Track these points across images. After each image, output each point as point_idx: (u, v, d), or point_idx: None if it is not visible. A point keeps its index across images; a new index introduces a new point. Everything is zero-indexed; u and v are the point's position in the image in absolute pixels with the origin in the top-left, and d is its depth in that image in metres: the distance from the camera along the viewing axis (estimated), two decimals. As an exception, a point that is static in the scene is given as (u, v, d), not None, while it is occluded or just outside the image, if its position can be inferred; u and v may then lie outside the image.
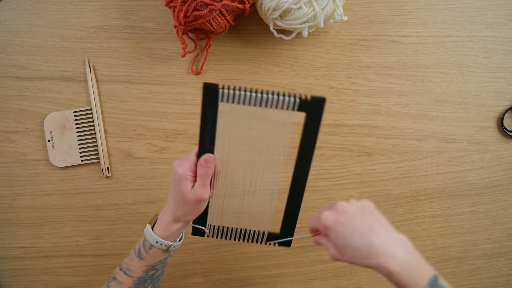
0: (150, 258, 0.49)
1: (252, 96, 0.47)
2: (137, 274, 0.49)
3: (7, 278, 0.64)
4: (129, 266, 0.49)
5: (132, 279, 0.49)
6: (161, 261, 0.50)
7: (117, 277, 0.49)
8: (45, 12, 0.64)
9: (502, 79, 0.66)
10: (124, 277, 0.49)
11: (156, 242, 0.48)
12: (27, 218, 0.64)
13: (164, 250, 0.49)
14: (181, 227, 0.49)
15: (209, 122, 0.49)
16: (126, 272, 0.49)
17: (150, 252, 0.48)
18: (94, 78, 0.64)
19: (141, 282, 0.49)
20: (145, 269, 0.49)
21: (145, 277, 0.49)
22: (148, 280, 0.50)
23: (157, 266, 0.50)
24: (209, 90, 0.47)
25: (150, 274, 0.50)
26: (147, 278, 0.50)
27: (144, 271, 0.49)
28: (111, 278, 0.50)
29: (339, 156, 0.65)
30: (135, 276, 0.49)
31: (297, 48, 0.65)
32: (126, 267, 0.49)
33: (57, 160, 0.64)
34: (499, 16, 0.66)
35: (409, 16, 0.66)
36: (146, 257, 0.49)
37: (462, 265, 0.66)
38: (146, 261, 0.49)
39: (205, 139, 0.50)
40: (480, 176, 0.66)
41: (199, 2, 0.56)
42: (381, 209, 0.65)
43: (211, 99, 0.48)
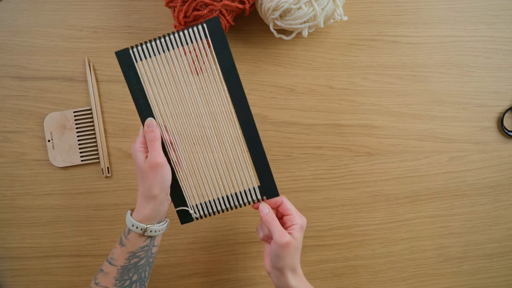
0: (130, 244, 0.49)
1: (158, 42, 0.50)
2: (120, 262, 0.49)
3: (7, 278, 0.64)
4: (113, 255, 0.50)
5: (116, 268, 0.49)
6: (142, 248, 0.50)
7: (103, 268, 0.50)
8: (45, 12, 0.64)
9: (502, 79, 0.66)
10: (109, 267, 0.49)
11: (132, 226, 0.48)
12: (27, 218, 0.64)
13: (141, 235, 0.49)
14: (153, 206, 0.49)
15: (136, 86, 0.51)
16: (110, 262, 0.49)
17: (129, 237, 0.49)
18: (94, 78, 0.64)
19: (125, 271, 0.49)
20: (127, 257, 0.49)
21: (128, 265, 0.49)
22: (132, 269, 0.50)
23: (138, 253, 0.50)
24: (122, 55, 0.50)
25: (132, 262, 0.50)
26: (130, 266, 0.50)
27: (126, 258, 0.49)
28: (99, 270, 0.50)
29: (339, 156, 0.65)
30: (118, 265, 0.49)
31: (297, 48, 0.65)
32: (110, 256, 0.50)
33: (57, 160, 0.64)
34: (499, 16, 0.66)
35: (409, 16, 0.66)
36: (127, 243, 0.49)
37: (462, 265, 0.66)
38: (127, 248, 0.49)
39: (140, 105, 0.51)
40: (480, 176, 0.66)
41: (199, 2, 0.56)
42: (381, 209, 0.66)
43: (127, 62, 0.50)
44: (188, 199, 0.54)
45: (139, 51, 0.50)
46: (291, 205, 0.52)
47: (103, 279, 0.49)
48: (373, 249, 0.66)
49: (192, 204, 0.54)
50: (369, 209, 0.65)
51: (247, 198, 0.54)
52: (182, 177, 0.53)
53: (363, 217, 0.66)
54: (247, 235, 0.65)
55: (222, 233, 0.65)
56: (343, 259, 0.66)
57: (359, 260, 0.66)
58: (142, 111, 0.51)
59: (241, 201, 0.54)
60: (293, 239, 0.50)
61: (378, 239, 0.66)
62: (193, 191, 0.54)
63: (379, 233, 0.66)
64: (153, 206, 0.49)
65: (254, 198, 0.54)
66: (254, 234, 0.65)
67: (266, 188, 0.54)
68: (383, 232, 0.66)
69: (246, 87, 0.65)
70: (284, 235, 0.49)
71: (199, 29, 0.50)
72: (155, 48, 0.50)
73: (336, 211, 0.65)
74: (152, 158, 0.48)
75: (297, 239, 0.50)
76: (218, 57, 0.50)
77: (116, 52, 0.50)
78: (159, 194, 0.49)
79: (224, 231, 0.65)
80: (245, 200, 0.54)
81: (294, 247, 0.50)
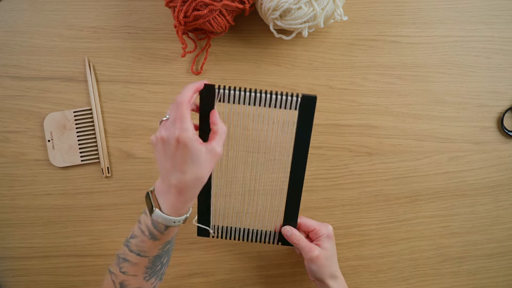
0: (165, 237, 0.48)
1: (247, 95, 0.49)
2: (152, 253, 0.48)
3: (7, 278, 0.64)
4: (142, 248, 0.47)
5: (148, 259, 0.48)
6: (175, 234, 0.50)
7: (130, 258, 0.47)
8: (45, 12, 0.64)
9: (502, 79, 0.66)
10: (138, 258, 0.47)
11: (173, 222, 0.46)
12: (27, 218, 0.64)
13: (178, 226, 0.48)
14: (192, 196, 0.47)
15: (207, 121, 0.50)
16: (139, 254, 0.47)
17: (166, 232, 0.47)
18: (94, 78, 0.64)
19: (157, 258, 0.49)
20: (160, 247, 0.48)
21: (160, 253, 0.49)
22: (164, 255, 0.50)
23: (172, 239, 0.50)
24: (206, 91, 0.49)
25: (166, 249, 0.49)
26: (163, 253, 0.49)
27: (159, 248, 0.48)
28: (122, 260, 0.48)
29: (339, 156, 0.65)
30: (151, 255, 0.48)
31: (297, 48, 0.65)
32: (137, 249, 0.47)
33: (57, 160, 0.64)
34: (499, 16, 0.66)
35: (409, 16, 0.66)
36: (162, 237, 0.47)
37: (462, 265, 0.66)
38: (161, 240, 0.48)
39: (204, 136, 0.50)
40: (480, 176, 0.66)
41: (199, 2, 0.56)
42: (381, 209, 0.66)
43: (208, 99, 0.49)
44: (212, 217, 0.56)
45: (224, 94, 0.49)
46: (310, 221, 0.56)
47: (131, 268, 0.48)
48: (373, 249, 0.66)
49: (214, 224, 0.57)
50: (369, 209, 0.65)
51: (265, 239, 0.58)
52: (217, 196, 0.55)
53: (363, 217, 0.66)
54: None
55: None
56: (343, 259, 0.66)
57: (359, 260, 0.66)
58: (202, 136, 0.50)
59: (259, 239, 0.58)
60: (322, 250, 0.54)
61: (378, 239, 0.66)
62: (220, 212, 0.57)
63: (379, 233, 0.66)
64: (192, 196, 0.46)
65: (271, 241, 0.58)
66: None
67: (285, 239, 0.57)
68: (383, 232, 0.66)
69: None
70: (313, 250, 0.54)
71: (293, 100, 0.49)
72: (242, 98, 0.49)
73: (336, 211, 0.65)
74: (218, 148, 0.45)
75: (326, 249, 0.54)
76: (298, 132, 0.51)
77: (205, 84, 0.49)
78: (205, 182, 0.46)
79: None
80: (262, 239, 0.58)
81: (325, 257, 0.54)
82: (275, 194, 0.56)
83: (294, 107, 0.49)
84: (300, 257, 0.66)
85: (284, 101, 0.49)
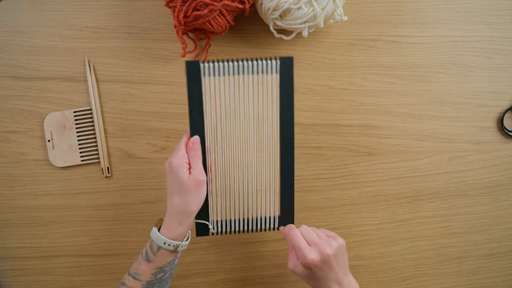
0: (158, 260, 0.49)
1: (230, 65, 0.51)
2: (145, 277, 0.49)
3: (7, 278, 0.64)
4: (138, 270, 0.49)
5: (141, 283, 0.49)
6: (169, 263, 0.50)
7: (126, 282, 0.49)
8: (45, 12, 0.64)
9: (502, 79, 0.66)
10: (133, 281, 0.49)
11: (164, 243, 0.48)
12: (27, 218, 0.64)
13: (172, 251, 0.49)
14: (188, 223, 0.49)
15: (196, 98, 0.52)
16: (134, 277, 0.49)
17: (158, 254, 0.49)
18: (94, 78, 0.64)
19: (150, 285, 0.49)
20: (153, 272, 0.49)
21: (153, 280, 0.49)
22: (157, 283, 0.50)
23: (165, 268, 0.50)
24: (191, 66, 0.51)
25: (159, 277, 0.50)
26: (156, 281, 0.50)
27: (153, 273, 0.49)
28: (120, 284, 0.50)
29: (339, 156, 0.65)
30: (144, 280, 0.49)
31: (297, 48, 0.65)
32: (134, 271, 0.49)
33: (57, 160, 0.64)
34: (499, 16, 0.66)
35: (409, 16, 0.66)
36: (155, 259, 0.49)
37: (462, 265, 0.66)
38: (154, 264, 0.49)
39: (194, 117, 0.52)
40: (480, 176, 0.66)
41: (199, 2, 0.56)
42: (381, 209, 0.66)
43: (194, 75, 0.51)
44: (211, 214, 0.56)
45: (209, 67, 0.51)
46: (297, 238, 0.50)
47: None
48: (373, 249, 0.66)
49: (213, 219, 0.56)
50: (369, 209, 0.65)
51: (265, 225, 0.57)
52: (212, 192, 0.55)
53: (363, 217, 0.66)
54: (247, 235, 0.65)
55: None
56: (343, 259, 0.66)
57: (359, 260, 0.66)
58: (194, 124, 0.52)
59: (259, 227, 0.57)
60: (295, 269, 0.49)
61: (378, 239, 0.66)
62: (218, 207, 0.56)
63: (379, 233, 0.66)
64: (188, 223, 0.49)
65: (272, 227, 0.56)
66: (254, 234, 0.65)
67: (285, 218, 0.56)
68: (383, 232, 0.66)
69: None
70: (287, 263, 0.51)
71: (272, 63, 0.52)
72: (226, 68, 0.52)
73: (336, 211, 0.65)
74: (196, 175, 0.49)
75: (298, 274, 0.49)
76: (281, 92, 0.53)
77: (187, 62, 0.51)
78: (196, 210, 0.50)
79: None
80: (263, 226, 0.57)
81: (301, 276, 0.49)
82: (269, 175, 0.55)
83: (275, 71, 0.52)
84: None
85: (265, 65, 0.52)
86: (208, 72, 0.52)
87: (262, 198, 0.56)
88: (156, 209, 0.65)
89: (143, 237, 0.65)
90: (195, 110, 0.52)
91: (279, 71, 0.52)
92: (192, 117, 0.52)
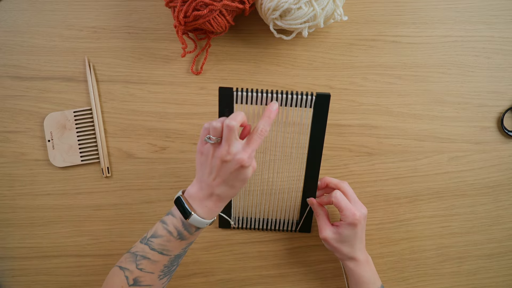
0: (194, 237, 0.51)
1: (264, 96, 0.53)
2: (175, 252, 0.51)
3: (7, 278, 0.64)
4: (167, 247, 0.50)
5: (169, 257, 0.50)
6: None
7: (150, 256, 0.49)
8: (45, 12, 0.64)
9: (502, 79, 0.66)
10: (159, 256, 0.50)
11: (206, 225, 0.50)
12: (27, 218, 0.64)
13: None
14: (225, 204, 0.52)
15: None
16: (162, 252, 0.50)
17: (196, 233, 0.51)
18: (94, 78, 0.64)
19: (176, 257, 0.51)
20: (185, 247, 0.51)
21: (181, 253, 0.52)
22: (182, 254, 0.52)
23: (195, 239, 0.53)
24: (224, 93, 0.53)
25: (187, 249, 0.53)
26: (182, 253, 0.52)
27: (183, 248, 0.51)
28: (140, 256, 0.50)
29: (339, 156, 0.65)
30: (173, 254, 0.50)
31: (297, 48, 0.65)
32: (161, 248, 0.50)
33: (57, 160, 0.64)
34: (499, 16, 0.66)
35: (409, 16, 0.66)
36: (190, 237, 0.51)
37: (462, 265, 0.66)
38: (188, 240, 0.51)
39: None
40: (480, 176, 0.66)
41: (199, 2, 0.56)
42: (381, 209, 0.66)
43: (226, 101, 0.53)
44: (234, 209, 0.60)
45: (242, 96, 0.53)
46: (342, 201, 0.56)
47: (150, 265, 0.49)
48: (373, 249, 0.66)
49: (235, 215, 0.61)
50: (369, 209, 0.65)
51: (284, 227, 0.62)
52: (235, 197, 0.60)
53: (363, 217, 0.66)
54: (247, 235, 0.65)
55: (222, 233, 0.65)
56: (343, 259, 0.66)
57: (359, 260, 0.66)
58: None
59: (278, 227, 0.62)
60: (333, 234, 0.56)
61: (378, 239, 0.66)
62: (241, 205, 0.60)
63: (379, 233, 0.66)
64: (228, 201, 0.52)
65: (290, 229, 0.63)
66: (254, 234, 0.65)
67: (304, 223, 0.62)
68: (383, 232, 0.66)
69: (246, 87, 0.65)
70: (322, 231, 0.57)
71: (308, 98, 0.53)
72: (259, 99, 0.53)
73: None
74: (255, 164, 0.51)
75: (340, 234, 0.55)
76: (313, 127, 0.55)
77: (220, 88, 0.53)
78: None
79: (224, 231, 0.65)
80: (281, 228, 0.62)
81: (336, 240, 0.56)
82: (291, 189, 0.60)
83: (310, 105, 0.53)
84: (299, 257, 0.66)
85: (300, 100, 0.53)
86: (241, 100, 0.53)
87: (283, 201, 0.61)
88: (156, 209, 0.65)
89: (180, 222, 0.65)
90: None
91: (313, 107, 0.54)
92: None
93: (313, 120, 0.55)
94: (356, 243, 0.56)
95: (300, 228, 0.63)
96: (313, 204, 0.60)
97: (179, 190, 0.58)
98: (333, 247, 0.56)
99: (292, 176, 0.60)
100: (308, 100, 0.53)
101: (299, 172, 0.59)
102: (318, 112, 0.54)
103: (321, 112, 0.54)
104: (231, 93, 0.53)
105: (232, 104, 0.53)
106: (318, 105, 0.54)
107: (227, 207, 0.59)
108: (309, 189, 0.60)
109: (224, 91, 0.52)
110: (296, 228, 0.63)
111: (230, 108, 0.53)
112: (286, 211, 0.62)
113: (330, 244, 0.57)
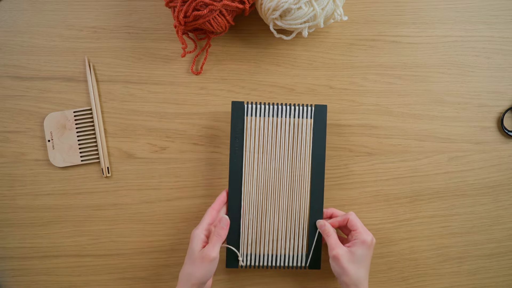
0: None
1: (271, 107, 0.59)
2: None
3: (7, 278, 0.64)
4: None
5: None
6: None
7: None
8: (45, 12, 0.64)
9: (502, 79, 0.66)
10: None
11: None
12: (27, 218, 0.64)
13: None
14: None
15: (238, 135, 0.58)
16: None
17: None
18: (94, 78, 0.64)
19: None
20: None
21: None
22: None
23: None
24: (237, 106, 0.58)
25: None
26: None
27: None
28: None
29: (339, 156, 0.65)
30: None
31: (297, 48, 0.65)
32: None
33: (57, 160, 0.64)
34: (499, 16, 0.66)
35: (409, 16, 0.66)
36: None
37: (462, 265, 0.66)
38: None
39: (235, 151, 0.59)
40: (480, 176, 0.66)
41: (199, 2, 0.56)
42: (381, 209, 0.66)
43: (239, 113, 0.58)
44: (242, 245, 0.60)
45: (252, 108, 0.59)
46: (358, 222, 0.57)
47: None
48: (373, 249, 0.66)
49: (243, 251, 0.60)
50: (369, 209, 0.65)
51: (293, 263, 0.61)
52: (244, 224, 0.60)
53: (363, 217, 0.65)
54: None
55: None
56: (343, 259, 0.65)
57: (359, 260, 0.66)
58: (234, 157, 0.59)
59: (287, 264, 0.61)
60: (346, 253, 0.54)
61: (378, 239, 0.66)
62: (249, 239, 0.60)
63: (379, 233, 0.66)
64: None
65: (299, 265, 0.61)
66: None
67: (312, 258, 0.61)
68: (383, 232, 0.66)
69: (246, 87, 0.65)
70: (335, 248, 0.55)
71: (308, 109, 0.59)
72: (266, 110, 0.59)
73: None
74: (208, 252, 0.52)
75: (353, 253, 0.54)
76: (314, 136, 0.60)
77: (233, 102, 0.58)
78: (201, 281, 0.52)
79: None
80: (290, 264, 0.61)
81: (348, 260, 0.54)
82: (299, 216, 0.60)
83: (310, 116, 0.59)
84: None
85: (301, 110, 0.59)
86: (251, 112, 0.59)
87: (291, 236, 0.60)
88: (156, 209, 0.65)
89: (143, 237, 0.65)
90: (237, 145, 0.59)
91: (313, 116, 0.59)
92: (233, 151, 0.59)
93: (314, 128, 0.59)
94: (366, 269, 0.54)
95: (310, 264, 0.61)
96: (324, 225, 0.58)
97: None
98: (343, 267, 0.53)
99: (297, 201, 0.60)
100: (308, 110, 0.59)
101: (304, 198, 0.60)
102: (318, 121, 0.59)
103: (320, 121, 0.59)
104: (243, 106, 0.58)
105: (243, 117, 0.58)
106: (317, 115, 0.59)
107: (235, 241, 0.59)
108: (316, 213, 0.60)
109: (236, 104, 0.58)
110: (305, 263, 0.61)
111: (242, 120, 0.58)
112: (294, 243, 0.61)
113: (340, 264, 0.54)
